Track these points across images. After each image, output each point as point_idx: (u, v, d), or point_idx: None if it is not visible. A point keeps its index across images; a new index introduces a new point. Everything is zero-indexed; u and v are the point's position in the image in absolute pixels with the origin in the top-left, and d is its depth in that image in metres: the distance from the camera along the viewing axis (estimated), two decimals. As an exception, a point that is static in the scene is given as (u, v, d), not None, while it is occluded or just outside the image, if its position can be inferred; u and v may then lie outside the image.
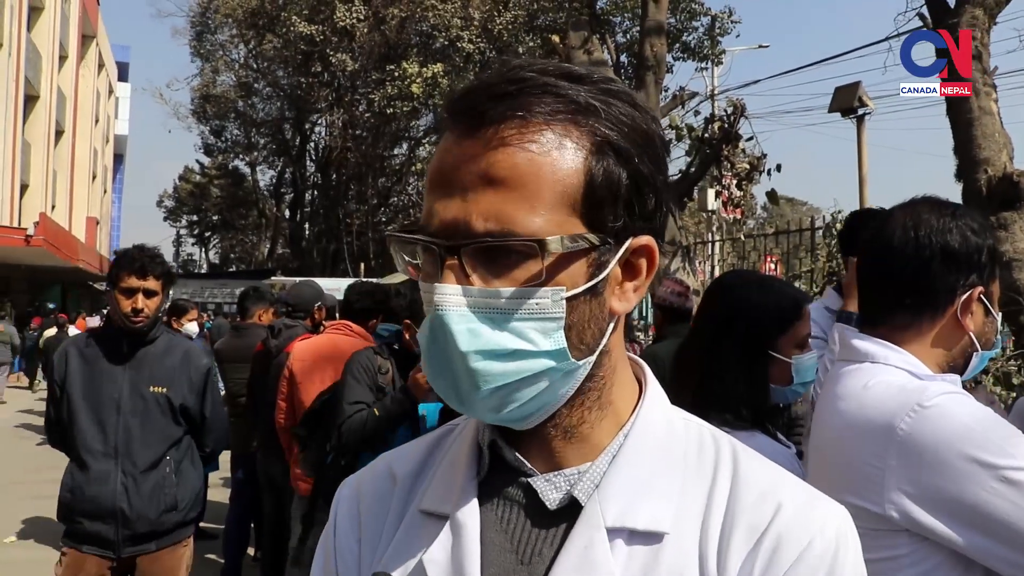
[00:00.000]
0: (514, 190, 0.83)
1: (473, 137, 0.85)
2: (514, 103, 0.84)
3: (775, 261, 10.81)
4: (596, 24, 13.78)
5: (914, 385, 1.53)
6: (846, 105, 8.30)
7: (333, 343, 4.82)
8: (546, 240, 0.82)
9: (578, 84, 0.87)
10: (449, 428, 1.07)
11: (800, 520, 0.86)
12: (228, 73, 38.98)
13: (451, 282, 0.84)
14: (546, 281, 0.84)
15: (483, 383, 0.84)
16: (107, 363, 3.73)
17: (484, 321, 0.84)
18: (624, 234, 0.88)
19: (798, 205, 49.00)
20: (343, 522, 1.03)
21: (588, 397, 0.91)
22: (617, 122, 0.87)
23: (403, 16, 27.41)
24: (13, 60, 25.06)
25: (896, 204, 1.75)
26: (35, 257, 23.25)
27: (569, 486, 0.90)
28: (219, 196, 54.80)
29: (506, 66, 0.89)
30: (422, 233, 0.87)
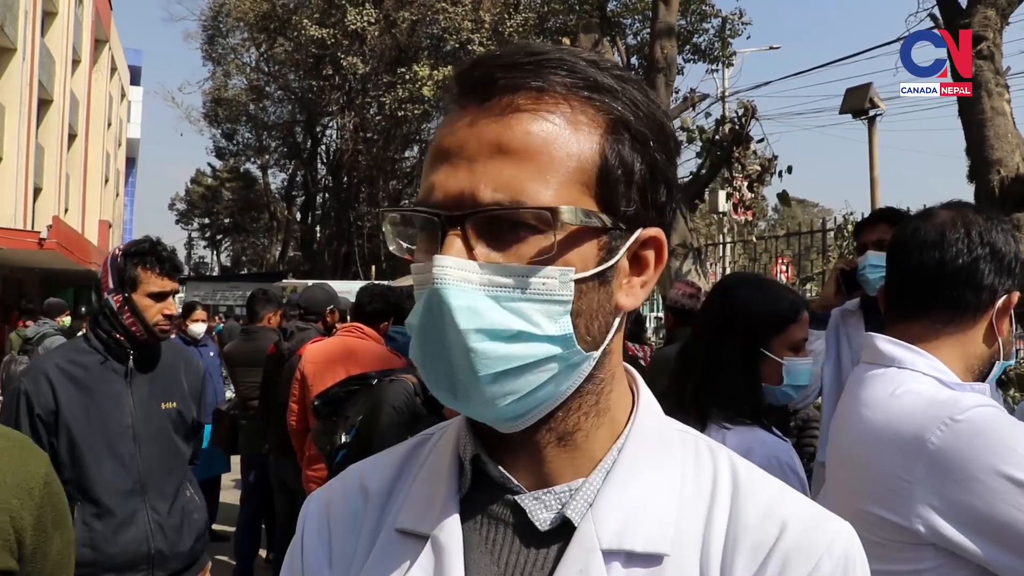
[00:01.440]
0: (527, 160, 0.77)
1: (483, 106, 0.80)
2: (530, 73, 0.80)
3: (786, 263, 10.79)
4: (606, 26, 13.78)
5: (944, 396, 1.50)
6: (857, 106, 8.27)
7: (345, 346, 4.83)
8: (560, 209, 0.77)
9: (593, 66, 0.82)
10: (423, 438, 1.00)
11: (807, 539, 0.82)
12: (240, 76, 39.12)
13: (453, 253, 0.77)
14: (556, 257, 0.78)
15: (482, 367, 0.77)
16: (109, 384, 3.05)
17: (486, 299, 0.77)
18: (635, 222, 0.84)
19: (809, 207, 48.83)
20: (311, 540, 0.96)
21: (586, 401, 0.85)
22: (633, 105, 0.83)
23: (414, 19, 27.47)
24: (27, 65, 25.20)
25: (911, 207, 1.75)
26: (48, 260, 23.36)
27: (560, 505, 0.84)
28: (230, 199, 54.97)
29: (518, 44, 0.84)
30: (422, 207, 0.81)
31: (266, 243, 54.90)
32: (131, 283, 3.03)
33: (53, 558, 1.65)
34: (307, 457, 4.79)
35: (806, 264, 10.82)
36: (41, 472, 1.62)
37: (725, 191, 10.75)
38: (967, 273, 1.59)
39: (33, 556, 1.60)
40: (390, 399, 3.59)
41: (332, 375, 4.42)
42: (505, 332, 0.77)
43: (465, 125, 0.80)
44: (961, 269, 1.60)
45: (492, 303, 0.77)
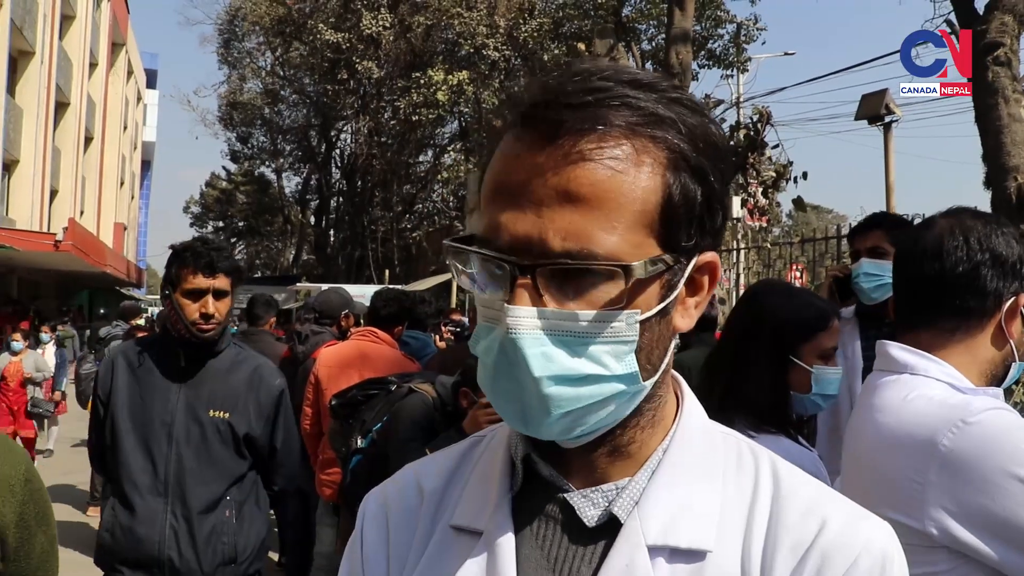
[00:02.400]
0: (594, 208, 0.78)
1: (548, 148, 0.80)
2: (593, 114, 0.79)
3: (800, 269, 10.74)
4: (622, 32, 13.78)
5: (956, 399, 1.51)
6: (873, 112, 8.25)
7: (359, 350, 4.84)
8: (632, 266, 0.79)
9: (649, 92, 0.83)
10: (476, 440, 1.04)
11: (846, 537, 0.84)
12: (255, 80, 39.28)
13: (524, 303, 0.79)
14: (626, 306, 0.80)
15: (555, 408, 0.80)
16: (161, 378, 3.05)
17: (558, 345, 0.80)
18: (693, 252, 0.86)
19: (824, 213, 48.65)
20: (371, 536, 1.00)
21: (643, 417, 0.89)
22: (691, 135, 0.83)
23: (429, 24, 27.49)
24: (45, 68, 25.39)
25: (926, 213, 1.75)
26: (64, 262, 23.49)
27: (607, 502, 0.87)
28: (245, 202, 55.12)
29: (576, 72, 0.84)
30: (488, 247, 0.82)
31: (280, 247, 55.05)
32: (174, 281, 3.04)
33: (37, 555, 1.65)
34: (320, 461, 4.80)
35: (820, 270, 10.77)
36: (21, 470, 1.62)
37: (740, 197, 10.73)
38: (968, 280, 1.60)
39: (16, 555, 1.60)
40: (409, 412, 3.57)
41: (346, 379, 4.43)
42: (576, 375, 0.80)
43: (530, 166, 0.80)
44: (962, 277, 1.60)
45: (563, 349, 0.80)
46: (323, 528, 5.16)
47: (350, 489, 3.77)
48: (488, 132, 25.29)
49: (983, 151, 7.37)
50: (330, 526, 5.00)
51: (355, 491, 3.73)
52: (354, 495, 3.74)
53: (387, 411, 3.71)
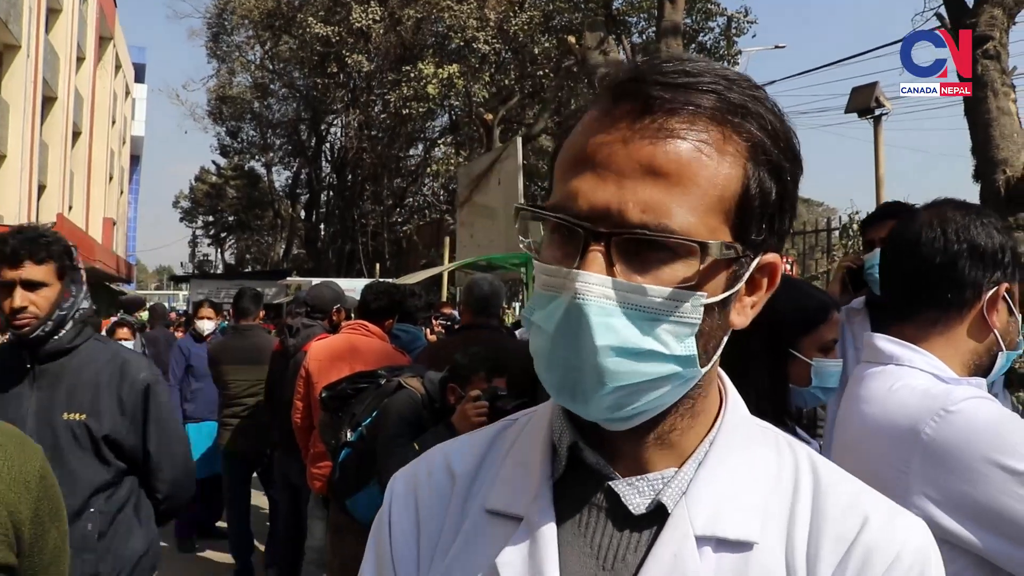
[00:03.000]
0: (676, 184, 0.79)
1: (637, 122, 0.80)
2: (685, 95, 0.81)
3: (791, 262, 10.77)
4: (612, 25, 13.78)
5: (939, 389, 1.53)
6: (863, 106, 8.25)
7: (350, 343, 4.84)
8: (709, 244, 0.79)
9: (738, 86, 0.84)
10: (507, 423, 1.04)
11: (888, 533, 0.86)
12: (244, 74, 39.13)
13: (596, 270, 0.79)
14: (697, 287, 0.81)
15: (610, 380, 0.80)
16: (12, 383, 2.74)
17: (623, 316, 0.79)
18: (760, 248, 0.87)
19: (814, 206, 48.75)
20: (398, 516, 0.99)
21: (683, 404, 0.89)
22: (773, 133, 0.85)
23: (419, 17, 27.43)
24: (31, 62, 25.23)
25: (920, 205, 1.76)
26: (53, 257, 23.36)
27: (654, 492, 0.88)
28: (235, 197, 54.96)
29: (669, 57, 0.85)
30: (564, 212, 0.82)
31: (270, 241, 54.97)
32: None
33: (50, 551, 1.66)
34: (312, 454, 4.80)
35: (811, 263, 10.80)
36: (37, 465, 1.63)
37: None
38: (946, 271, 1.63)
39: (31, 550, 1.61)
40: (397, 409, 3.58)
41: (337, 372, 4.43)
42: (636, 350, 0.80)
43: (617, 138, 0.81)
44: (939, 268, 1.63)
45: (627, 322, 0.80)
46: (314, 521, 5.16)
47: (338, 483, 3.77)
48: (480, 123, 25.26)
49: (972, 144, 7.39)
50: (321, 519, 4.99)
51: (343, 485, 3.73)
52: (342, 489, 3.74)
53: (376, 405, 3.71)
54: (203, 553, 7.52)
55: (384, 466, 3.36)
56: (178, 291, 59.06)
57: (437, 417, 3.51)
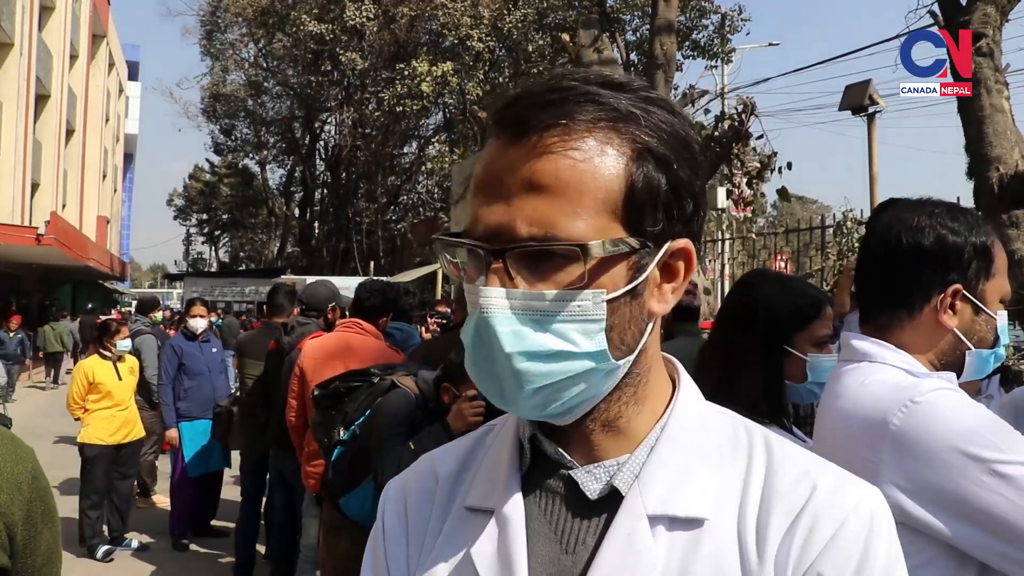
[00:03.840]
0: (557, 196, 0.85)
1: (517, 144, 0.87)
2: (557, 111, 0.86)
3: (785, 259, 10.79)
4: (606, 22, 13.77)
5: (908, 382, 1.56)
6: (856, 103, 8.26)
7: (344, 341, 4.83)
8: (588, 245, 0.84)
9: (619, 92, 0.89)
10: (488, 428, 1.10)
11: (835, 500, 0.88)
12: (238, 72, 39.09)
13: (495, 285, 0.86)
14: (588, 284, 0.86)
15: (527, 383, 0.86)
16: None
17: (527, 323, 0.86)
18: (663, 238, 0.90)
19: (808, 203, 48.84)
20: (391, 521, 1.06)
21: (624, 392, 0.93)
22: (656, 129, 0.89)
23: (413, 15, 27.43)
24: (24, 60, 25.14)
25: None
26: (46, 256, 23.31)
27: (609, 477, 0.93)
28: (229, 195, 54.93)
29: (550, 76, 0.91)
30: (468, 237, 0.89)
31: (264, 239, 54.91)
32: None
33: (43, 552, 1.66)
34: (306, 453, 4.79)
35: (805, 261, 10.81)
36: (29, 467, 1.62)
37: (724, 187, 10.74)
38: (892, 274, 1.67)
39: (24, 552, 1.60)
40: (391, 408, 3.57)
41: (331, 370, 4.42)
42: (546, 352, 0.86)
43: (501, 162, 0.88)
44: (887, 270, 1.67)
45: (533, 327, 0.86)
46: (309, 520, 5.15)
47: (332, 482, 3.76)
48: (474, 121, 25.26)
49: (966, 141, 7.40)
50: (316, 518, 4.98)
51: (336, 484, 3.72)
52: (335, 488, 3.73)
53: (369, 404, 3.70)
54: (197, 551, 7.51)
55: (380, 466, 3.35)
56: (172, 289, 59.01)
57: (431, 416, 3.49)
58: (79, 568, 6.91)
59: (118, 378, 7.41)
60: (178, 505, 7.59)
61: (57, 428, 13.62)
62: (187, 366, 7.50)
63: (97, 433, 7.26)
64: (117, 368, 7.46)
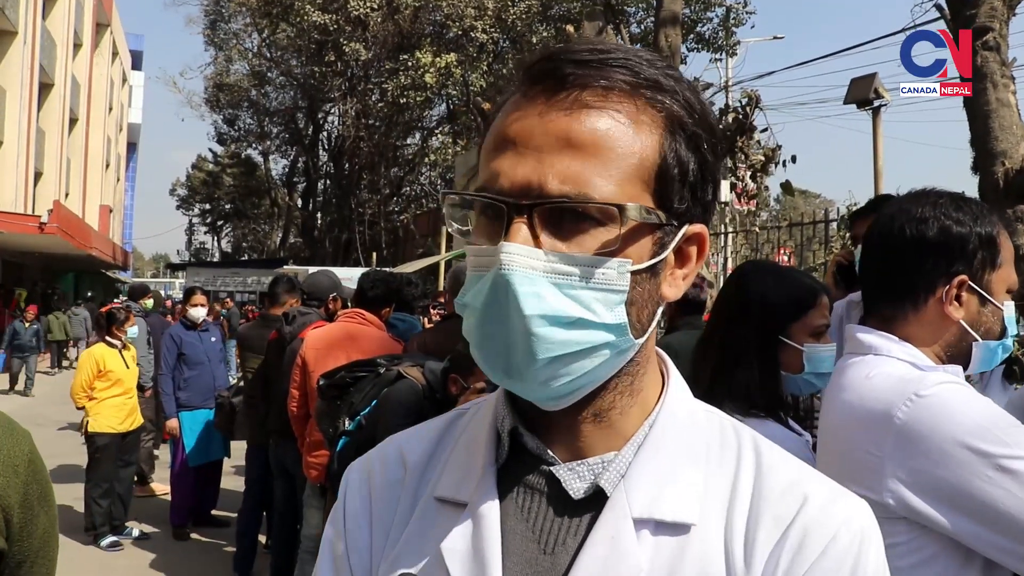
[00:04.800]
0: (593, 155, 0.81)
1: (552, 99, 0.83)
2: (597, 71, 0.83)
3: (788, 253, 10.76)
4: (611, 14, 13.73)
5: (913, 375, 1.55)
6: (862, 96, 8.22)
7: (346, 331, 4.83)
8: (627, 206, 0.81)
9: (651, 63, 0.86)
10: (459, 412, 1.05)
11: (826, 513, 0.86)
12: (241, 62, 39.00)
13: (520, 241, 0.80)
14: (618, 251, 0.82)
15: (542, 351, 0.81)
16: None
17: (550, 285, 0.81)
18: (684, 218, 0.88)
19: (812, 197, 48.80)
20: (353, 507, 1.01)
21: (622, 381, 0.90)
22: (689, 107, 0.87)
23: (417, 5, 27.37)
24: (28, 48, 25.14)
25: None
26: (49, 244, 23.35)
27: (594, 476, 0.89)
28: (232, 185, 54.92)
29: (582, 40, 0.87)
30: (486, 193, 0.84)
31: (267, 229, 54.93)
32: None
33: (39, 536, 1.65)
34: (308, 443, 4.79)
35: (808, 255, 10.79)
36: (25, 450, 1.61)
37: (728, 181, 10.72)
38: (892, 269, 1.67)
39: (20, 535, 1.59)
40: (398, 399, 3.55)
41: (333, 360, 4.42)
42: (566, 318, 0.81)
43: (534, 116, 0.83)
44: (891, 263, 1.67)
45: (555, 290, 0.81)
46: (310, 510, 5.15)
47: (337, 472, 3.75)
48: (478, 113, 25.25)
49: (971, 136, 7.36)
50: (317, 508, 4.99)
51: (341, 474, 3.72)
52: (340, 478, 3.73)
53: (375, 395, 3.69)
54: (198, 540, 7.52)
55: None
56: (174, 279, 59.06)
57: (438, 408, 3.47)
58: (82, 556, 6.92)
59: (125, 366, 7.46)
60: (179, 494, 7.60)
61: (61, 416, 13.65)
62: (187, 355, 7.50)
63: (108, 422, 7.29)
64: (124, 356, 7.49)
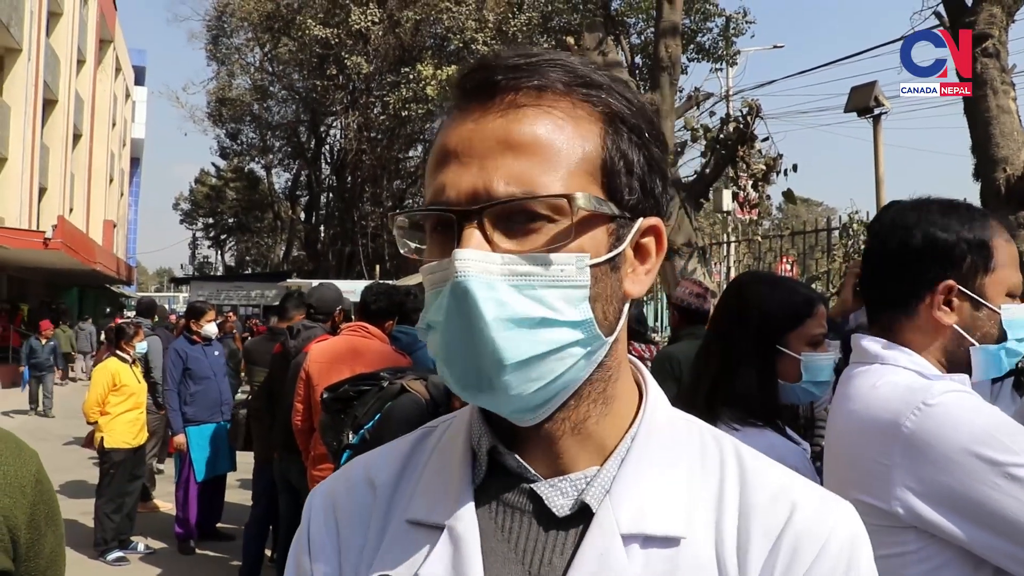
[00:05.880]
0: (535, 154, 0.81)
1: (487, 107, 0.83)
2: (529, 73, 0.83)
3: (791, 262, 10.76)
4: (611, 25, 13.76)
5: (920, 384, 1.55)
6: (862, 105, 8.26)
7: (350, 345, 4.83)
8: (575, 195, 0.80)
9: (584, 65, 0.87)
10: (427, 430, 1.02)
11: (817, 519, 0.85)
12: (244, 76, 39.09)
13: (473, 246, 0.79)
14: (571, 242, 0.81)
15: (509, 355, 0.79)
16: None
17: (509, 288, 0.79)
18: (637, 211, 0.87)
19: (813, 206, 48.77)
20: (318, 532, 0.96)
21: (594, 388, 0.88)
22: (626, 101, 0.87)
23: (418, 19, 27.46)
24: (32, 65, 25.24)
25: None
26: (53, 260, 23.38)
27: (577, 492, 0.87)
28: (235, 199, 54.97)
29: (511, 49, 0.88)
30: (434, 207, 0.83)
31: (270, 243, 54.99)
32: None
33: (47, 555, 1.65)
34: (312, 456, 4.79)
35: (811, 263, 10.79)
36: (32, 470, 1.61)
37: (730, 190, 10.72)
38: (881, 278, 1.70)
39: (28, 555, 1.60)
40: (402, 414, 3.54)
41: (337, 374, 4.42)
42: (529, 320, 0.79)
43: (470, 124, 0.83)
44: (880, 270, 1.70)
45: (514, 292, 0.79)
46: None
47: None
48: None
49: (972, 143, 7.38)
50: (322, 522, 4.98)
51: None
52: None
53: (379, 408, 3.69)
54: (204, 554, 7.51)
55: None
56: (178, 293, 59.09)
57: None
58: (89, 572, 6.92)
59: (137, 381, 7.51)
60: (184, 509, 7.60)
61: (65, 431, 13.66)
62: (192, 370, 7.50)
63: (123, 437, 7.34)
64: (135, 371, 7.55)
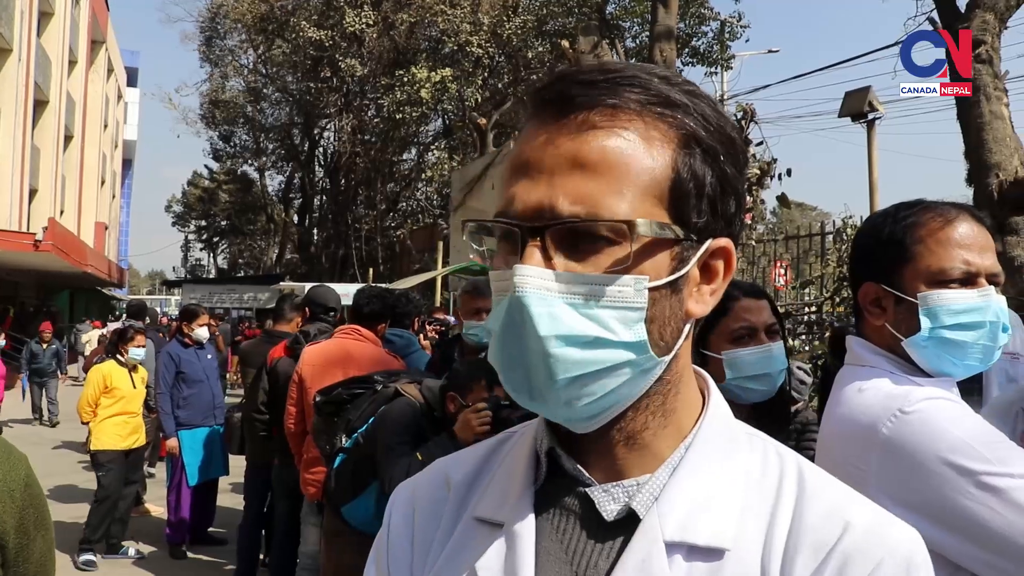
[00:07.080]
0: (602, 175, 0.81)
1: (560, 122, 0.83)
2: (605, 91, 0.83)
3: (785, 266, 10.78)
4: (606, 29, 13.78)
5: (899, 390, 1.55)
6: (856, 109, 8.27)
7: (343, 348, 4.81)
8: (636, 222, 0.80)
9: (663, 80, 0.86)
10: (507, 435, 1.05)
11: (870, 540, 0.83)
12: (237, 78, 39.11)
13: (533, 263, 0.80)
14: (631, 267, 0.81)
15: (560, 371, 0.81)
16: None
17: (565, 306, 0.80)
18: (706, 233, 0.87)
19: (808, 210, 48.92)
20: (397, 526, 1.02)
21: (652, 401, 0.88)
22: (703, 120, 0.86)
23: (412, 21, 27.46)
24: (23, 65, 25.16)
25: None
26: (44, 262, 23.30)
27: (627, 497, 0.88)
28: (228, 201, 54.89)
29: (591, 62, 0.88)
30: (502, 218, 0.85)
31: (263, 246, 54.85)
32: None
33: (36, 560, 1.64)
34: (305, 460, 4.77)
35: (805, 268, 10.81)
36: (21, 475, 1.61)
37: (723, 194, 10.73)
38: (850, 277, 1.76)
39: (16, 559, 1.59)
40: (396, 417, 3.54)
41: (330, 377, 4.40)
42: (583, 338, 0.81)
43: (543, 140, 0.84)
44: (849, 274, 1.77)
45: (570, 310, 0.81)
46: (308, 527, 5.13)
47: (334, 489, 3.74)
48: (474, 127, 25.29)
49: (965, 148, 7.41)
50: (315, 525, 4.96)
51: (339, 491, 3.70)
52: (338, 495, 3.71)
53: (372, 412, 3.67)
54: (196, 559, 7.48)
55: (387, 476, 3.31)
56: (170, 296, 58.99)
57: (436, 426, 3.46)
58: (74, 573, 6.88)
59: (132, 386, 7.45)
60: (176, 513, 7.56)
61: (56, 435, 13.60)
62: (185, 374, 7.45)
63: (110, 439, 7.29)
64: (132, 377, 7.49)
